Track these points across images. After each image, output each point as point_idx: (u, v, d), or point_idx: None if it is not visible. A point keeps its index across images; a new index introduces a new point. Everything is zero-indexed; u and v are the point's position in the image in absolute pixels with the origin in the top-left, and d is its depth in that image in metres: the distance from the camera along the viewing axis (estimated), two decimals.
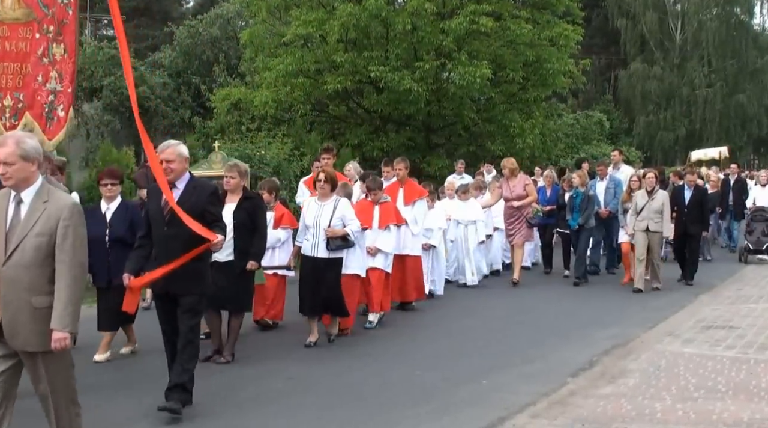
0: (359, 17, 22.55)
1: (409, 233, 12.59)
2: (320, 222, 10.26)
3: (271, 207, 11.10)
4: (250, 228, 9.55)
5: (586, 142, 35.87)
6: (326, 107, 25.76)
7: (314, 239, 10.29)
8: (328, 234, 10.16)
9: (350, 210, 10.48)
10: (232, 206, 9.55)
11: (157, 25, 45.07)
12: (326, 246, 10.20)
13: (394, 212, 11.93)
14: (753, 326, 11.57)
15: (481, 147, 24.47)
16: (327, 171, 10.78)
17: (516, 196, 15.89)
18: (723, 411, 7.53)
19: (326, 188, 10.44)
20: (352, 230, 10.34)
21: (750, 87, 48.94)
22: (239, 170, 9.82)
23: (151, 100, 27.20)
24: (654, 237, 14.88)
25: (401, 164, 13.17)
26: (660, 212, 14.85)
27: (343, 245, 10.30)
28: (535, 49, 24.46)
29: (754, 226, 19.38)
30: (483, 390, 8.48)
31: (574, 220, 15.76)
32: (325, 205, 10.38)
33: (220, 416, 7.50)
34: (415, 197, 12.85)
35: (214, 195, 7.66)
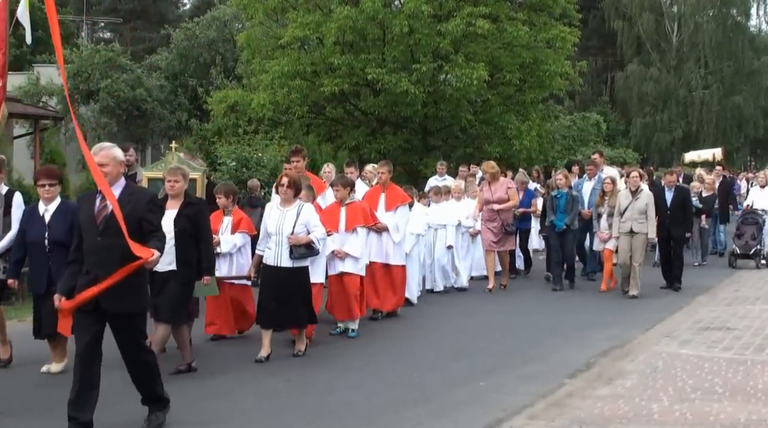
0: (356, 19, 22.58)
1: (391, 240, 12.18)
2: (283, 229, 9.69)
3: (229, 211, 10.62)
4: (192, 236, 8.82)
5: (583, 143, 35.94)
6: (323, 109, 25.78)
7: (277, 247, 9.70)
8: (291, 242, 9.60)
9: (315, 216, 9.93)
10: (173, 212, 8.81)
11: (153, 27, 45.13)
12: (289, 255, 9.62)
13: (362, 213, 11.24)
14: (750, 327, 11.58)
15: (478, 149, 24.49)
16: (290, 175, 10.21)
17: (497, 199, 15.17)
18: (720, 412, 7.54)
19: (289, 193, 9.84)
20: (316, 237, 9.74)
21: (746, 89, 49.01)
22: (183, 173, 9.08)
23: (148, 102, 27.21)
24: (638, 239, 14.38)
25: (384, 167, 12.67)
26: (644, 213, 14.39)
27: (308, 253, 9.71)
28: (531, 51, 24.51)
29: (744, 229, 18.57)
30: (481, 391, 8.48)
31: (559, 221, 15.10)
32: (288, 211, 9.81)
33: (222, 418, 7.50)
34: (398, 203, 12.35)
35: (153, 202, 7.01)
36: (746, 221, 18.64)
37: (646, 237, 14.43)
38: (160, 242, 6.81)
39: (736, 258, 18.55)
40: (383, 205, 12.28)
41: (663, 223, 15.11)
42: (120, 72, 27.29)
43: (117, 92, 26.56)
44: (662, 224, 15.07)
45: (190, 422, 7.39)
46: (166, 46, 31.96)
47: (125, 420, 7.25)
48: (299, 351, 9.91)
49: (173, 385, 8.44)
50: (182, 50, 30.11)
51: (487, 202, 15.15)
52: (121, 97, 26.60)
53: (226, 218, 10.55)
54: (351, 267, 11.08)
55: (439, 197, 15.04)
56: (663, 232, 15.14)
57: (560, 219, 15.09)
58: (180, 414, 7.57)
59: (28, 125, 27.39)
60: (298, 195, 9.93)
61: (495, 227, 15.10)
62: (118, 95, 26.58)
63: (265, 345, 9.64)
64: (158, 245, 6.75)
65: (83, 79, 27.01)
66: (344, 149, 23.33)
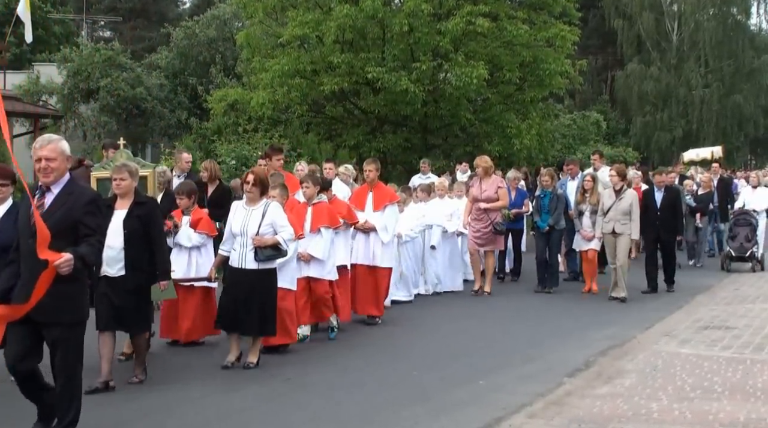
0: (356, 18, 22.58)
1: (379, 242, 11.77)
2: (248, 229, 9.15)
3: (189, 211, 10.21)
4: (143, 238, 8.27)
5: (583, 142, 35.93)
6: (323, 108, 25.78)
7: (242, 248, 9.17)
8: (257, 243, 9.07)
9: (282, 215, 9.39)
10: (122, 213, 8.31)
11: (153, 26, 45.14)
12: (255, 256, 9.11)
13: (327, 213, 10.71)
14: (749, 326, 11.58)
15: (478, 148, 24.45)
16: (256, 172, 9.65)
17: (486, 198, 14.51)
18: (719, 411, 7.54)
19: (255, 191, 9.31)
20: (283, 237, 9.21)
21: (747, 87, 48.96)
22: (129, 171, 8.46)
23: (148, 101, 27.20)
24: (621, 240, 13.94)
25: (371, 165, 12.23)
26: (627, 213, 13.91)
27: (275, 255, 9.18)
28: (531, 49, 24.49)
29: (737, 231, 17.94)
30: (480, 390, 8.49)
31: (543, 222, 14.83)
32: (254, 210, 9.28)
33: (221, 417, 7.50)
34: (386, 202, 11.94)
35: (93, 204, 6.43)
36: (739, 222, 18.08)
37: (629, 238, 13.97)
38: (90, 247, 6.24)
39: (731, 261, 17.97)
40: (371, 204, 11.95)
41: (652, 224, 14.76)
42: (120, 71, 27.28)
43: (117, 91, 26.53)
44: (651, 225, 14.74)
45: (190, 421, 7.40)
46: (166, 44, 31.93)
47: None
48: (250, 363, 9.20)
49: (173, 384, 8.46)
50: (182, 49, 30.09)
51: (475, 199, 14.60)
52: (121, 95, 26.58)
53: (185, 218, 10.17)
54: (316, 271, 10.52)
55: (426, 196, 14.78)
56: (652, 233, 14.86)
57: (544, 220, 14.83)
58: (180, 413, 7.58)
59: (28, 124, 27.44)
60: (264, 194, 9.47)
61: (481, 226, 14.53)
62: (117, 94, 26.55)
63: (233, 349, 9.29)
64: (86, 250, 6.18)
65: (83, 78, 26.98)
66: (344, 148, 23.33)
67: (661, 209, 14.97)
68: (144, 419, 7.39)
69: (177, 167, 13.79)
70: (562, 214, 14.88)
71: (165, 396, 8.14)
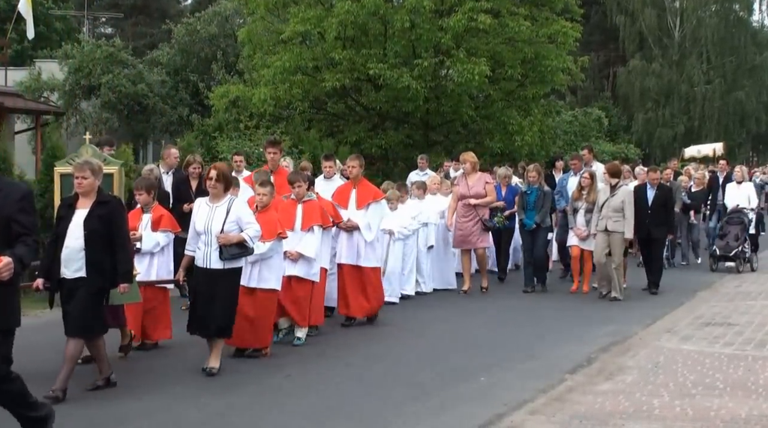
0: (357, 14, 22.54)
1: (363, 240, 11.41)
2: (212, 227, 8.78)
3: (149, 208, 9.88)
4: (104, 238, 7.78)
5: (584, 139, 35.83)
6: (324, 105, 25.76)
7: (206, 247, 8.81)
8: (221, 241, 8.72)
9: (247, 212, 9.05)
10: (83, 212, 7.85)
11: (155, 22, 45.13)
12: (219, 255, 8.75)
13: (319, 211, 10.44)
14: (751, 323, 11.59)
15: (480, 144, 24.44)
16: (219, 167, 9.18)
17: (474, 194, 14.23)
18: (721, 407, 7.54)
19: (218, 187, 8.93)
20: (249, 235, 8.83)
21: (749, 84, 48.94)
22: (92, 168, 7.98)
23: (149, 98, 27.18)
24: (615, 238, 13.65)
25: (354, 161, 11.82)
26: (620, 210, 13.61)
27: (240, 253, 8.83)
28: (533, 46, 24.45)
29: (728, 229, 17.25)
30: (481, 386, 8.49)
31: (529, 219, 14.40)
32: (218, 207, 8.90)
33: (222, 413, 7.50)
34: (369, 200, 11.57)
35: (26, 200, 6.03)
36: (731, 220, 17.46)
37: (623, 236, 13.69)
38: (27, 248, 5.80)
39: (716, 260, 17.31)
40: (354, 202, 11.57)
41: (643, 222, 14.38)
42: (121, 67, 27.26)
43: (118, 88, 26.51)
44: (642, 223, 14.35)
45: (191, 417, 7.41)
46: (168, 41, 31.90)
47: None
48: (212, 369, 8.78)
49: (173, 381, 8.46)
50: (183, 45, 30.06)
51: (462, 196, 14.30)
52: (123, 92, 26.55)
53: (146, 216, 9.82)
54: (302, 271, 10.20)
55: (422, 193, 14.55)
56: (643, 232, 14.46)
57: (530, 217, 14.43)
58: (181, 410, 7.59)
59: (29, 121, 27.44)
60: (228, 190, 9.11)
61: (469, 223, 14.25)
62: (119, 91, 26.53)
63: (214, 357, 8.86)
64: (23, 251, 5.76)
65: (84, 75, 26.96)
66: (345, 145, 23.30)
67: (652, 207, 14.68)
68: (148, 418, 7.40)
69: (164, 164, 13.40)
70: (548, 211, 14.59)
71: (164, 395, 8.13)
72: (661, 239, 14.94)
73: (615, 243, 13.67)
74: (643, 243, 14.82)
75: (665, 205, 14.86)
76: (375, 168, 23.30)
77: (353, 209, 11.51)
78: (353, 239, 11.43)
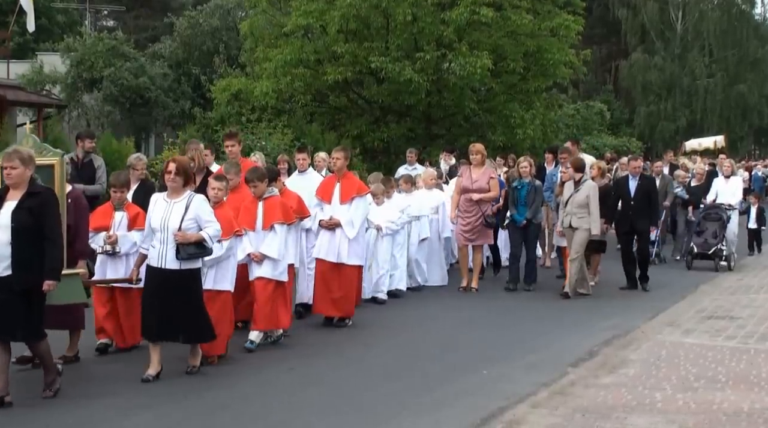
0: (359, 8, 22.54)
1: (345, 237, 10.83)
2: (168, 225, 8.20)
3: (121, 206, 9.36)
4: (35, 233, 7.29)
5: (586, 132, 35.92)
6: (326, 98, 25.75)
7: (161, 245, 8.22)
8: (178, 239, 8.15)
9: (207, 209, 8.43)
10: (12, 204, 7.34)
11: (157, 15, 45.08)
12: (176, 254, 8.17)
13: (280, 208, 9.79)
14: (753, 316, 11.59)
15: (482, 138, 24.40)
16: (179, 161, 8.64)
17: (477, 188, 13.64)
18: (723, 400, 7.55)
19: (177, 181, 8.33)
20: (209, 234, 8.26)
21: (751, 77, 48.94)
22: (21, 157, 7.44)
23: (151, 91, 27.17)
24: (578, 235, 13.13)
25: (339, 153, 11.16)
26: (585, 206, 13.08)
27: (198, 253, 8.27)
28: (535, 39, 24.45)
29: (706, 226, 16.52)
30: (484, 380, 8.50)
31: (520, 215, 13.78)
32: (176, 203, 8.30)
33: (225, 406, 7.52)
34: (353, 194, 10.96)
35: None
36: (709, 216, 16.74)
37: (587, 233, 13.14)
38: None
39: (693, 258, 16.50)
40: (338, 196, 10.98)
41: (626, 214, 14.11)
42: (123, 60, 27.24)
43: (120, 80, 26.50)
44: (625, 215, 14.10)
45: (195, 411, 7.42)
46: (170, 34, 31.90)
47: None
48: (193, 368, 8.49)
49: (176, 374, 8.47)
50: (185, 38, 30.06)
51: (465, 190, 13.72)
52: (125, 85, 26.55)
53: (119, 213, 9.29)
54: (268, 272, 9.61)
55: (409, 186, 14.15)
56: (625, 225, 14.12)
57: (521, 213, 13.82)
58: (184, 404, 7.60)
59: (31, 113, 27.41)
60: (188, 184, 8.47)
61: (472, 219, 13.70)
62: (121, 84, 26.52)
63: (154, 362, 8.29)
64: None
65: (86, 68, 26.95)
66: (347, 138, 23.29)
67: (635, 198, 14.11)
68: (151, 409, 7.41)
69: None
70: (540, 207, 14.03)
71: (167, 387, 8.14)
72: (646, 232, 14.25)
73: (578, 239, 13.15)
74: (626, 236, 14.28)
75: (648, 196, 14.25)
76: (377, 162, 23.32)
77: (337, 203, 10.95)
78: (335, 235, 10.88)
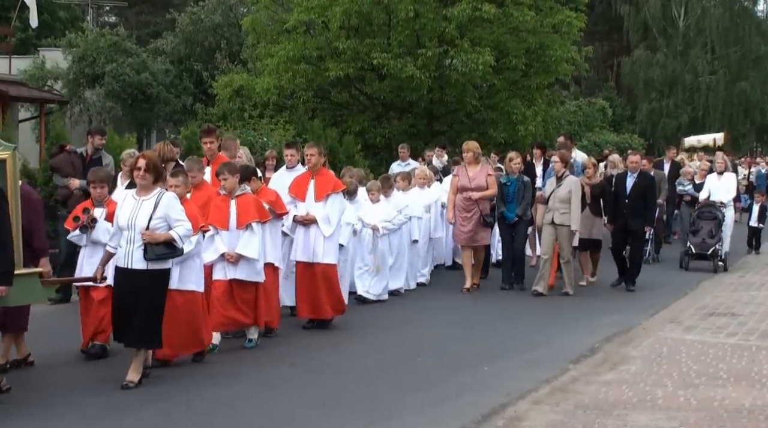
0: (361, 4, 22.52)
1: (320, 235, 10.46)
2: (136, 223, 7.85)
3: (100, 202, 9.12)
4: None
5: (588, 129, 35.88)
6: (328, 94, 25.73)
7: (129, 244, 7.87)
8: (146, 239, 7.78)
9: (177, 208, 8.05)
10: None
11: (158, 11, 45.04)
12: (143, 254, 7.81)
13: (254, 205, 9.50)
14: (755, 313, 11.60)
15: (484, 134, 24.41)
16: (148, 156, 8.20)
17: (476, 187, 13.34)
18: (724, 397, 7.55)
19: (147, 178, 7.94)
20: (179, 234, 7.90)
21: (753, 74, 48.85)
22: None
23: (153, 86, 27.17)
24: (562, 232, 12.94)
25: (312, 149, 10.76)
26: (567, 202, 12.84)
27: (168, 254, 7.89)
28: (537, 36, 24.41)
29: (701, 225, 16.08)
30: (485, 376, 8.51)
31: (510, 212, 13.46)
32: (145, 201, 7.92)
33: (227, 403, 7.53)
34: (329, 191, 10.60)
35: None
36: (703, 215, 16.30)
37: (569, 230, 12.98)
38: None
39: (690, 259, 16.06)
40: (312, 193, 10.61)
41: (620, 212, 13.78)
42: (125, 56, 27.23)
43: (122, 76, 26.49)
44: (619, 213, 13.80)
45: (196, 407, 7.43)
46: (171, 30, 31.88)
47: None
48: (130, 383, 7.82)
49: (178, 370, 8.48)
50: (187, 34, 30.04)
51: (463, 189, 13.43)
52: (126, 81, 26.54)
53: (99, 210, 8.99)
54: (244, 273, 9.36)
55: (406, 184, 13.82)
56: (619, 223, 13.82)
57: (510, 210, 13.51)
58: (186, 400, 7.61)
59: (33, 109, 27.42)
60: (159, 181, 8.10)
61: (471, 218, 13.42)
62: (123, 79, 26.52)
63: (137, 368, 7.92)
64: None
65: (88, 64, 26.94)
66: (349, 134, 23.28)
67: (630, 195, 13.75)
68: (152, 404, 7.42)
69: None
70: (530, 203, 13.64)
71: (169, 384, 8.15)
72: (639, 231, 13.87)
73: (563, 237, 12.98)
74: (619, 235, 13.94)
75: (645, 195, 13.83)
76: (379, 158, 23.31)
77: (311, 201, 10.59)
78: (310, 233, 10.53)
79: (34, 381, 8.10)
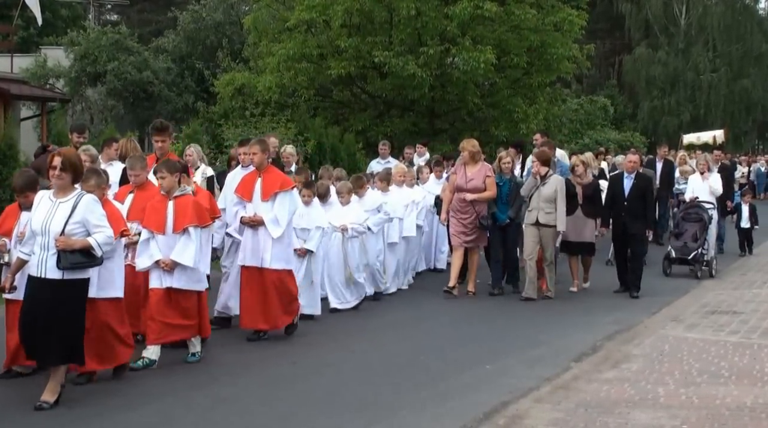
0: (363, 2, 22.55)
1: (269, 238, 9.72)
2: (50, 228, 7.04)
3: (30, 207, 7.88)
4: None
5: (590, 127, 35.91)
6: (330, 92, 25.75)
7: (42, 251, 7.06)
8: (60, 245, 6.99)
9: (98, 212, 7.26)
10: None
11: (160, 10, 45.04)
12: (57, 263, 7.00)
13: (193, 208, 8.74)
14: (757, 311, 11.60)
15: (485, 132, 24.43)
16: (65, 154, 7.38)
17: (472, 187, 12.77)
18: (726, 395, 7.56)
19: (64, 178, 7.16)
20: (97, 241, 7.12)
21: (755, 72, 48.80)
22: None
23: (155, 85, 27.21)
24: (546, 232, 12.50)
25: (255, 147, 9.99)
26: (552, 201, 12.38)
27: (84, 263, 7.12)
28: (539, 34, 24.40)
29: (685, 227, 15.21)
30: (487, 374, 8.51)
31: (502, 213, 12.90)
32: (62, 203, 7.12)
33: (228, 399, 7.53)
34: (276, 189, 9.87)
35: None
36: (689, 217, 15.44)
37: (554, 230, 12.58)
38: None
39: (671, 264, 15.14)
40: (259, 193, 9.89)
41: (618, 216, 13.34)
42: (127, 54, 27.29)
43: (124, 75, 26.55)
44: (617, 217, 13.36)
45: (198, 403, 7.44)
46: (173, 28, 31.92)
47: None
48: (44, 403, 7.03)
49: (180, 369, 8.49)
50: (189, 33, 30.09)
51: (459, 189, 12.89)
52: (128, 79, 26.60)
53: (26, 214, 7.92)
54: (182, 281, 8.63)
55: (386, 185, 13.09)
56: (618, 227, 13.40)
57: (503, 211, 12.94)
58: (188, 397, 7.62)
59: (35, 107, 27.46)
60: (77, 181, 7.34)
61: (467, 220, 12.91)
62: (124, 78, 26.58)
63: (53, 388, 7.15)
64: None
65: (90, 62, 27.01)
66: (351, 132, 23.29)
67: (629, 197, 13.26)
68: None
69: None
70: (522, 205, 13.02)
71: (171, 382, 8.16)
72: (639, 234, 13.27)
73: (547, 237, 12.55)
74: (619, 239, 13.58)
75: (643, 196, 13.31)
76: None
77: (258, 201, 9.87)
78: (258, 236, 9.80)
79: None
